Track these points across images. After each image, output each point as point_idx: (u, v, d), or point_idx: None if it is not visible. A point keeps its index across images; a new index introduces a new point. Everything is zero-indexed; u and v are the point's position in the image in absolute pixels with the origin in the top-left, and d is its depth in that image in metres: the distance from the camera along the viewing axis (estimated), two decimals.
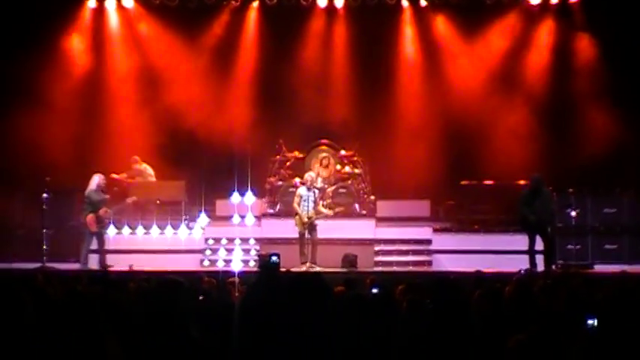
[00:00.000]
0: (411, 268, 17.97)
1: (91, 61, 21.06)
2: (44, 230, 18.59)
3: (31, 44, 19.64)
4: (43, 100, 19.74)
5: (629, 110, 19.39)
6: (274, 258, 8.12)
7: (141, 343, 5.74)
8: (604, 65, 20.15)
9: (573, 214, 18.41)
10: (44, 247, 18.31)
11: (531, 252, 16.86)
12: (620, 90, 19.65)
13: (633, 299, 5.95)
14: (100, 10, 21.32)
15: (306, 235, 17.58)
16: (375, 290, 9.16)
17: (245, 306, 7.27)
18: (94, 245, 17.94)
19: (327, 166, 20.22)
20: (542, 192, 17.07)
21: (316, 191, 18.05)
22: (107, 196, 18.16)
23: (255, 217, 19.60)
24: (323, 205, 18.36)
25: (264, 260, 15.63)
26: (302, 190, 17.88)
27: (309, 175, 18.29)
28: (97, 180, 18.06)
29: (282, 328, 5.69)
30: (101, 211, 17.81)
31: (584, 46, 20.65)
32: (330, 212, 18.06)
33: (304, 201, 17.65)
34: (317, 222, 17.65)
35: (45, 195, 18.79)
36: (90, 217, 17.70)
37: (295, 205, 17.70)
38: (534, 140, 19.87)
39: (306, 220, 17.52)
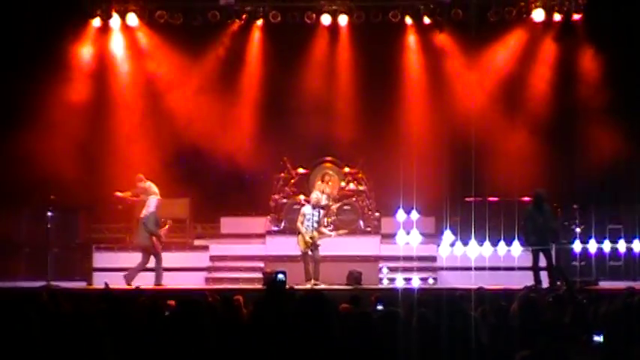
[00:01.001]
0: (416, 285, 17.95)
1: (95, 79, 21.07)
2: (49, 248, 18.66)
3: (35, 62, 19.67)
4: (48, 117, 19.78)
5: (633, 125, 19.37)
6: (280, 276, 8.12)
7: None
8: (608, 81, 20.13)
9: (578, 230, 18.38)
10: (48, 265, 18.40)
11: (536, 268, 16.85)
12: (624, 105, 19.63)
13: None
14: (104, 29, 21.33)
15: (309, 253, 17.60)
16: (380, 307, 9.18)
17: (252, 323, 7.28)
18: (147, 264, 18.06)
19: (328, 182, 20.14)
20: (543, 208, 17.09)
21: (321, 211, 18.04)
22: None
23: (260, 235, 19.73)
24: (326, 224, 18.40)
25: (270, 278, 15.65)
26: (306, 209, 17.89)
27: (315, 194, 18.29)
28: (155, 202, 18.20)
29: (289, 346, 5.70)
30: (162, 231, 18.10)
31: (588, 62, 20.65)
32: (332, 234, 18.09)
33: (307, 220, 17.66)
34: (319, 241, 17.69)
35: (49, 213, 18.83)
36: (154, 238, 17.86)
37: (299, 224, 17.71)
38: (539, 156, 19.85)
39: (308, 239, 17.52)
